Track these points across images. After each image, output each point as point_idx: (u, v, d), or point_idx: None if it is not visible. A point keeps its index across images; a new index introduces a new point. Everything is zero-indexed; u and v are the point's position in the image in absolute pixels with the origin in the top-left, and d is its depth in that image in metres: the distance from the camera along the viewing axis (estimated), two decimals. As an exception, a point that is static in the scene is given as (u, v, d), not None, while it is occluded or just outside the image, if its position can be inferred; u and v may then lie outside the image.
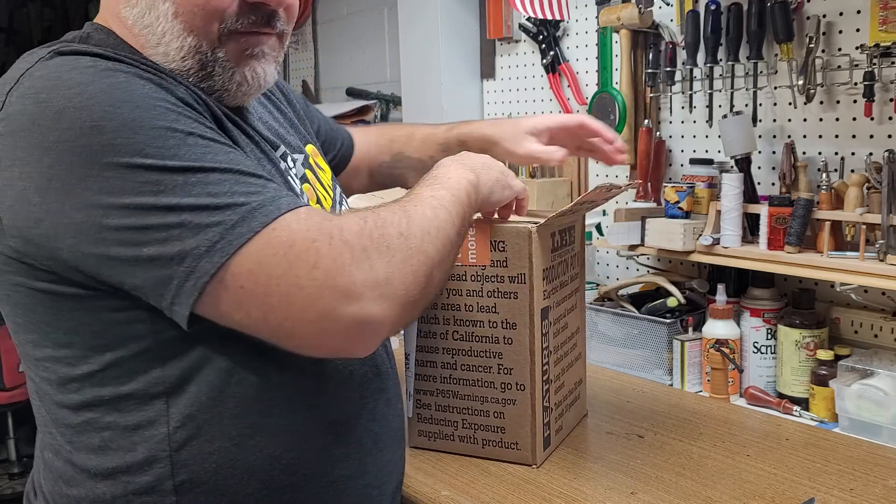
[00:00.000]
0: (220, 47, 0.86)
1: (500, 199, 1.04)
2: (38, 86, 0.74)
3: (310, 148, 1.09)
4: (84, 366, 0.81)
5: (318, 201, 1.01)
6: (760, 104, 1.59)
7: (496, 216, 1.15)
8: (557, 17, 1.91)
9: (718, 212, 1.55)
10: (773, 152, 1.61)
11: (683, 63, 1.68)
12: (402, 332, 1.22)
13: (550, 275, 1.18)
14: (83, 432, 0.83)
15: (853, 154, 1.48)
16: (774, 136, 1.61)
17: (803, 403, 1.45)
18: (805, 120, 1.55)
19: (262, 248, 0.72)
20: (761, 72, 1.56)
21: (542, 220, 1.13)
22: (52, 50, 0.78)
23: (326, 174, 1.09)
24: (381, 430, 0.99)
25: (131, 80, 0.75)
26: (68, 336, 0.80)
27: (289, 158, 1.00)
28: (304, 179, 1.00)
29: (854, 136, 1.48)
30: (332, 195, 1.07)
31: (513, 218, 1.14)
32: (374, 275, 0.74)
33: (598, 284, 1.87)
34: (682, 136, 1.78)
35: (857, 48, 1.42)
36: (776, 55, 1.53)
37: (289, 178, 0.96)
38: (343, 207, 1.09)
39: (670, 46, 1.69)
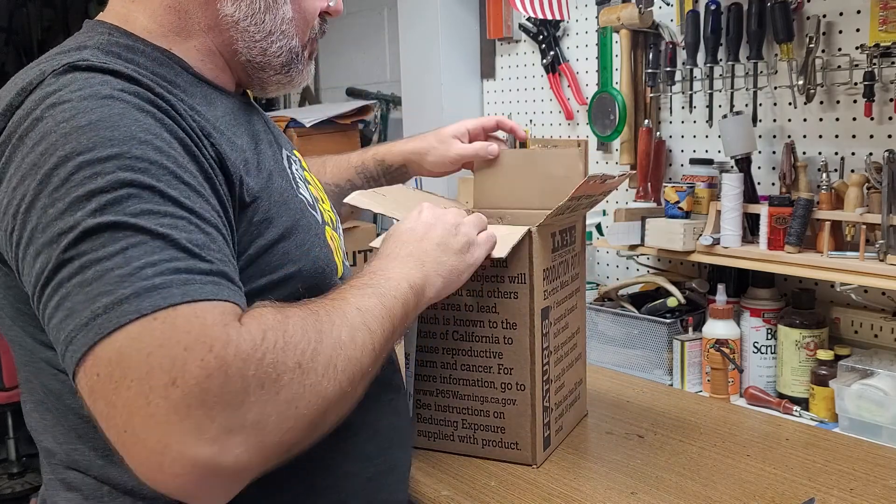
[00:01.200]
0: (304, 50, 0.95)
1: (460, 286, 0.97)
2: (41, 102, 0.71)
3: (295, 151, 1.08)
4: None
5: (317, 201, 1.00)
6: (760, 104, 1.59)
7: None
8: (557, 17, 1.91)
9: (718, 212, 1.55)
10: (773, 152, 1.61)
11: (683, 63, 1.68)
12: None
13: (551, 275, 1.18)
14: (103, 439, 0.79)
15: (853, 154, 1.48)
16: (774, 136, 1.61)
17: (803, 403, 1.45)
18: (805, 120, 1.55)
19: (133, 337, 0.61)
20: (761, 72, 1.56)
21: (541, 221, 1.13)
22: (68, 63, 0.74)
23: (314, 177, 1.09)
24: (402, 425, 1.02)
25: (126, 113, 0.70)
26: None
27: (294, 165, 0.99)
28: (302, 179, 1.00)
29: (854, 136, 1.48)
30: (326, 195, 1.06)
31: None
32: (240, 416, 0.62)
33: (598, 284, 1.87)
34: (682, 136, 1.78)
35: (857, 48, 1.42)
36: (776, 55, 1.53)
37: (298, 184, 0.95)
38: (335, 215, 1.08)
39: (670, 46, 1.69)
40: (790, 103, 1.52)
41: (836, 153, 1.50)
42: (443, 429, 1.22)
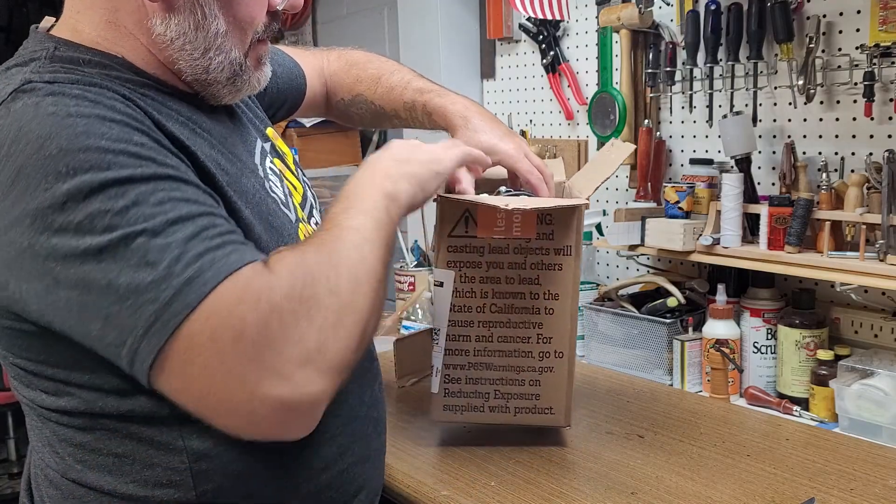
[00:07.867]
0: (247, 57, 0.89)
1: (431, 192, 0.97)
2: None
3: (269, 131, 1.07)
4: (84, 393, 0.79)
5: (290, 195, 0.99)
6: (760, 104, 1.59)
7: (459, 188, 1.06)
8: (557, 17, 1.91)
9: (718, 212, 1.55)
10: (773, 152, 1.61)
11: (683, 63, 1.68)
12: (431, 309, 1.24)
13: None
14: (94, 451, 0.81)
15: (853, 154, 1.48)
16: (774, 136, 1.61)
17: (803, 403, 1.45)
18: (805, 120, 1.55)
19: (193, 326, 0.67)
20: (761, 72, 1.56)
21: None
22: (15, 89, 0.74)
23: (289, 156, 1.08)
24: (378, 415, 1.02)
25: (92, 125, 0.71)
26: (65, 372, 0.79)
27: (267, 158, 0.99)
28: (274, 172, 0.98)
29: (854, 136, 1.48)
30: (300, 182, 1.06)
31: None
32: (304, 347, 0.68)
33: (598, 284, 1.87)
34: (682, 136, 1.78)
35: (857, 48, 1.42)
36: (776, 55, 1.53)
37: (270, 180, 0.95)
38: (311, 194, 1.08)
39: (670, 46, 1.68)
40: (790, 103, 1.52)
41: (836, 153, 1.50)
42: (472, 401, 1.23)
